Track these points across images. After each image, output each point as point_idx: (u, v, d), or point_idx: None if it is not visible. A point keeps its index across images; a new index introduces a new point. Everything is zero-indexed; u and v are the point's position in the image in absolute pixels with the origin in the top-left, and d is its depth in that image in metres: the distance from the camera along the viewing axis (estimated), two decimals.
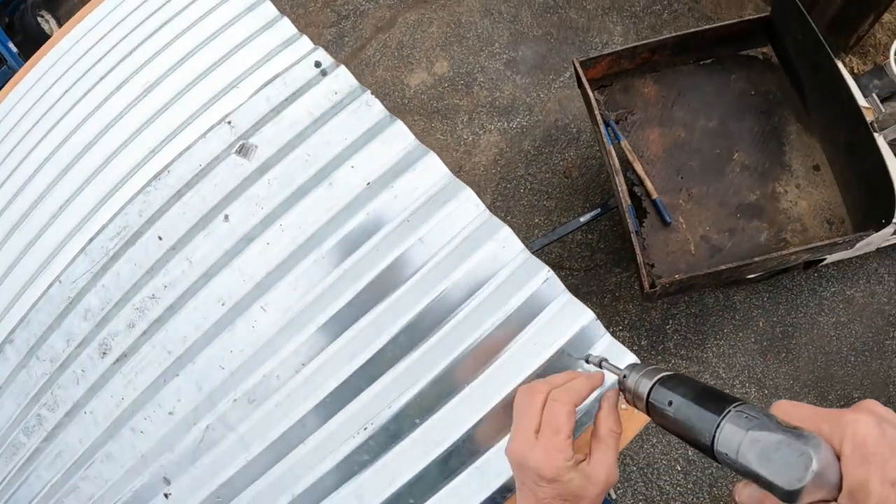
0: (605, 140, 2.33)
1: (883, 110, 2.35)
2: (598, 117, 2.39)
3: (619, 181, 2.30)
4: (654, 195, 2.53)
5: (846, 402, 2.62)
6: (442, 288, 1.14)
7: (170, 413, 1.25)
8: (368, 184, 1.23)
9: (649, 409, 0.62)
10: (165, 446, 1.24)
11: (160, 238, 1.31)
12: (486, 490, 1.05)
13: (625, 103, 2.70)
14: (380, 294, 1.16)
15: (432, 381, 1.10)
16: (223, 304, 1.25)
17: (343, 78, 1.33)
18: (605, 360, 0.96)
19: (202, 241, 1.27)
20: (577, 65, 2.48)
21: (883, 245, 2.54)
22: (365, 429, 1.11)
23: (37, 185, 1.43)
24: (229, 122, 1.33)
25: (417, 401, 1.10)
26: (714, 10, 3.06)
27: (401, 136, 1.25)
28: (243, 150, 1.29)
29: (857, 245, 2.38)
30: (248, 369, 1.21)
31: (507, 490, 1.05)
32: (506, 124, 3.14)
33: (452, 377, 1.10)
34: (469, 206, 1.19)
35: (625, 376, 0.66)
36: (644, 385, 0.62)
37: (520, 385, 0.70)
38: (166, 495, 1.23)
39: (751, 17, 2.47)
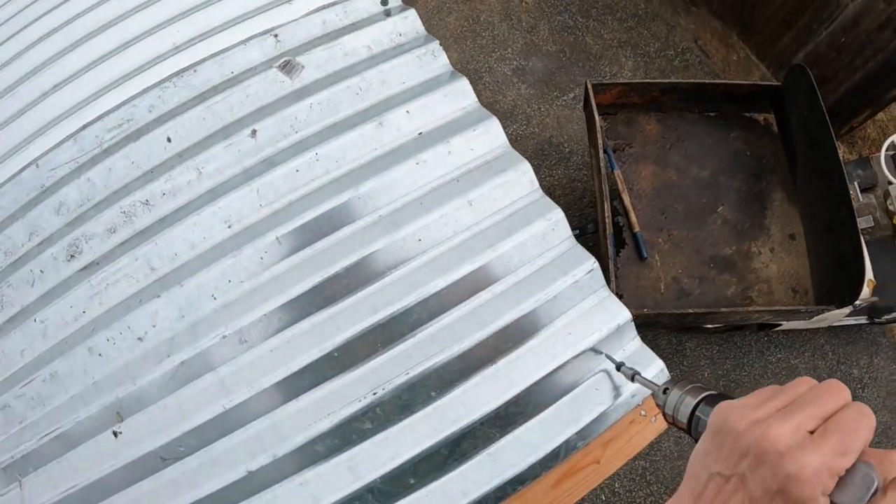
0: (602, 165, 2.34)
1: (861, 199, 2.50)
2: (600, 142, 2.40)
3: (606, 208, 2.31)
4: (636, 228, 2.56)
5: None
6: (484, 256, 1.05)
7: (139, 339, 1.08)
8: (420, 133, 1.14)
9: (691, 427, 0.61)
10: (126, 376, 1.07)
11: (169, 140, 1.15)
12: (497, 478, 0.96)
13: (625, 135, 2.74)
14: (416, 249, 1.06)
15: (458, 353, 1.01)
16: (229, 227, 1.10)
17: (411, 22, 1.23)
18: (639, 373, 0.92)
19: (219, 153, 1.13)
20: (590, 87, 2.48)
21: (835, 323, 2.68)
22: (374, 394, 0.99)
23: (33, 56, 1.22)
24: (275, 36, 1.20)
25: (439, 372, 1.00)
26: (723, 68, 3.18)
27: (464, 95, 1.17)
28: (287, 67, 1.16)
29: (814, 318, 2.50)
30: (247, 305, 1.06)
31: (518, 482, 0.97)
32: None
33: (480, 353, 1.01)
34: (525, 180, 1.11)
35: (665, 391, 0.65)
36: (687, 403, 0.61)
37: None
38: (115, 433, 1.06)
39: (762, 82, 2.57)
